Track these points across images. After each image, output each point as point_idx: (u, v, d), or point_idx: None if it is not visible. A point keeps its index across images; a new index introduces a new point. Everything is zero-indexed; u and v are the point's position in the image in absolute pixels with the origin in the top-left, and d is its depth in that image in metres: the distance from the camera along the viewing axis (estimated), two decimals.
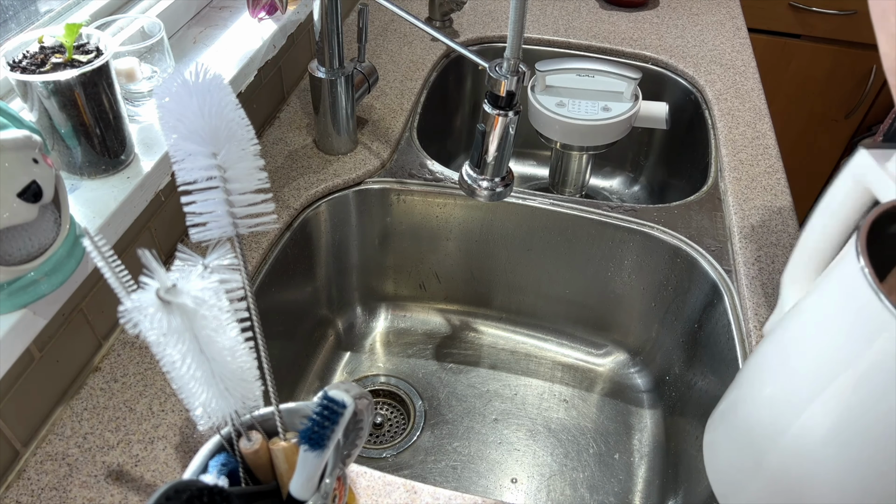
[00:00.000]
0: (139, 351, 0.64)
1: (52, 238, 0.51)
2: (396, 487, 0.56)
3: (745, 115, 0.96)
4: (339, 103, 0.83)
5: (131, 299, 0.32)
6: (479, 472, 0.82)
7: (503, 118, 0.64)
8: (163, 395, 0.61)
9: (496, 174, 0.68)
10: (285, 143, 0.89)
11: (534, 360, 0.95)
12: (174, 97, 0.35)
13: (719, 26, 1.16)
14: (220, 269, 0.35)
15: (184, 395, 0.37)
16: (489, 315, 0.99)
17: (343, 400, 0.36)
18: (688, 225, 0.81)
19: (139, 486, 0.55)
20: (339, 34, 0.79)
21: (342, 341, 0.96)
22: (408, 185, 0.87)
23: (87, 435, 0.58)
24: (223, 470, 0.41)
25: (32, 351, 0.56)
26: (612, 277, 0.88)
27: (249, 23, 0.86)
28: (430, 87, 1.03)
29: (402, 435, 0.86)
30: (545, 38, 1.12)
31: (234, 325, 0.36)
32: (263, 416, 0.42)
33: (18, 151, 0.47)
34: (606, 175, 1.19)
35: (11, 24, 0.66)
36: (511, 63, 0.60)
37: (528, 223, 0.87)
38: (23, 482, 0.55)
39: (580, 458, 0.84)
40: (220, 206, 0.36)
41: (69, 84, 0.56)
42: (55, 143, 0.60)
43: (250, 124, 0.37)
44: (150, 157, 0.65)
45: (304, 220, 0.83)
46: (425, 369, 0.93)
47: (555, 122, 0.93)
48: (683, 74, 1.05)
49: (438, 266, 0.95)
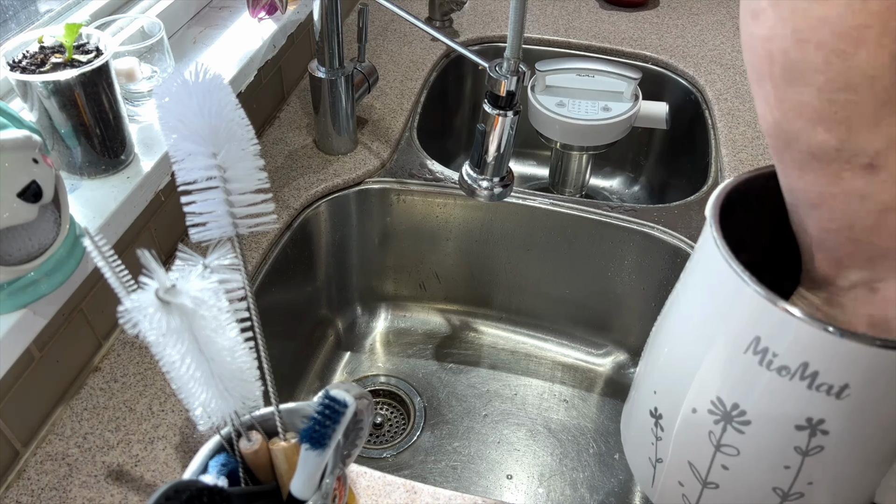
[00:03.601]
0: (139, 351, 0.64)
1: (52, 238, 0.51)
2: (396, 487, 0.56)
3: (745, 115, 0.96)
4: (339, 103, 0.83)
5: (131, 299, 0.32)
6: (479, 472, 0.82)
7: (503, 118, 0.64)
8: (163, 395, 0.61)
9: (496, 174, 0.68)
10: (285, 143, 0.89)
11: (534, 361, 0.95)
12: (174, 97, 0.35)
13: (719, 26, 1.16)
14: (220, 269, 0.35)
15: (183, 395, 0.37)
16: (489, 315, 0.99)
17: (344, 399, 0.36)
18: (688, 225, 0.81)
19: (139, 486, 0.55)
20: (339, 34, 0.79)
21: (342, 341, 0.96)
22: (408, 185, 0.86)
23: (87, 435, 0.58)
24: (223, 470, 0.41)
25: (32, 351, 0.56)
26: (613, 277, 0.88)
27: (249, 23, 0.86)
28: (430, 87, 1.03)
29: (402, 435, 0.86)
30: (545, 38, 1.12)
31: (233, 325, 0.36)
32: (263, 416, 0.42)
33: (18, 151, 0.47)
34: (606, 175, 1.19)
35: (11, 24, 0.66)
36: (511, 63, 0.60)
37: (528, 223, 0.87)
38: (23, 482, 0.55)
39: (580, 458, 0.84)
40: (220, 206, 0.36)
41: (69, 84, 0.56)
42: (55, 143, 0.60)
43: (250, 124, 0.37)
44: (150, 157, 0.65)
45: (304, 220, 0.83)
46: (425, 369, 0.93)
47: (555, 122, 0.93)
48: (683, 74, 1.05)
49: (438, 266, 0.95)
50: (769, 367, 0.38)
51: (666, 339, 0.48)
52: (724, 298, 0.40)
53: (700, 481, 0.46)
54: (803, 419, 0.39)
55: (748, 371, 0.39)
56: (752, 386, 0.40)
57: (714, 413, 0.42)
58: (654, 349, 0.50)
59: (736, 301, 0.39)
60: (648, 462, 0.50)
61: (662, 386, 0.47)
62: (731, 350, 0.40)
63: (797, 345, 0.37)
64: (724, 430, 0.42)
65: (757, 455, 0.42)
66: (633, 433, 0.53)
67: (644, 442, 0.50)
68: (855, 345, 0.35)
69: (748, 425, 0.41)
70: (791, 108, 0.35)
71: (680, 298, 0.47)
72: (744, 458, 0.43)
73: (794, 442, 0.40)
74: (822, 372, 0.36)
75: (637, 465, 0.53)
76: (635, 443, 0.53)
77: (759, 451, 0.42)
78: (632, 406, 0.54)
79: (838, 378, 0.36)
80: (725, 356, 0.41)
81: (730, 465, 0.43)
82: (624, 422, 0.56)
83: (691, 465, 0.46)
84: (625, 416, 0.56)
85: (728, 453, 0.43)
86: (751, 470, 0.43)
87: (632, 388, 0.55)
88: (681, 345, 0.45)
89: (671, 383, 0.46)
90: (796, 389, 0.38)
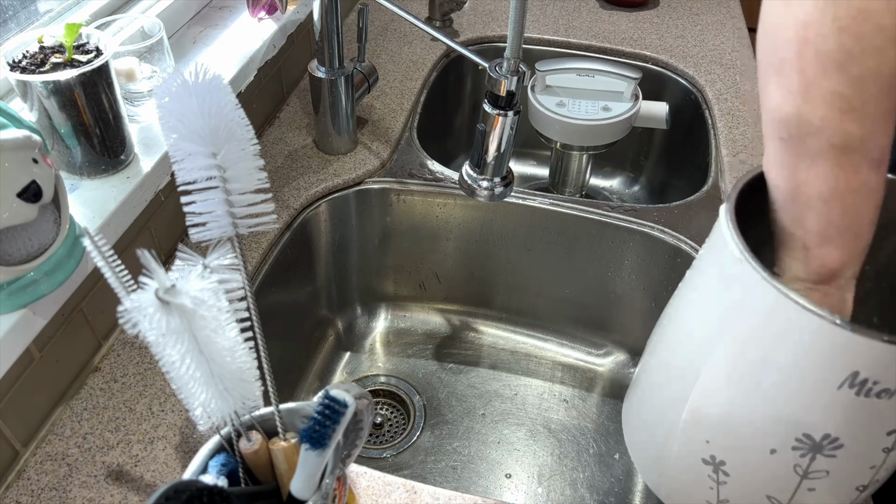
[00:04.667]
0: (139, 351, 0.64)
1: (51, 238, 0.51)
2: (396, 487, 0.56)
3: (745, 115, 0.96)
4: (339, 103, 0.83)
5: (131, 299, 0.32)
6: (478, 472, 0.82)
7: (503, 118, 0.64)
8: (163, 395, 0.61)
9: (496, 174, 0.68)
10: (285, 143, 0.89)
11: (534, 360, 0.95)
12: (174, 97, 0.35)
13: (719, 26, 1.16)
14: (220, 269, 0.35)
15: (183, 395, 0.37)
16: (489, 315, 0.99)
17: (344, 399, 0.36)
18: (688, 225, 0.81)
19: (139, 486, 0.55)
20: (339, 34, 0.79)
21: (342, 341, 0.96)
22: (408, 185, 0.86)
23: (87, 435, 0.58)
24: (223, 470, 0.41)
25: (32, 351, 0.56)
26: (613, 277, 0.88)
27: (249, 23, 0.86)
28: (430, 87, 1.03)
29: (402, 435, 0.86)
30: (545, 38, 1.12)
31: (233, 326, 0.36)
32: (263, 416, 0.42)
33: (18, 151, 0.47)
34: (606, 175, 1.19)
35: (11, 24, 0.66)
36: (511, 63, 0.60)
37: (528, 223, 0.87)
38: (22, 482, 0.55)
39: (580, 458, 0.84)
40: (220, 206, 0.36)
41: (69, 84, 0.56)
42: (55, 143, 0.60)
43: (250, 124, 0.37)
44: (149, 157, 0.65)
45: (304, 220, 0.83)
46: (425, 369, 0.93)
47: (555, 122, 0.93)
48: (683, 74, 1.05)
49: (438, 266, 0.95)
50: (868, 395, 0.37)
51: (706, 387, 0.44)
52: (807, 342, 0.37)
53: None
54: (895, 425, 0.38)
55: (844, 405, 0.38)
56: (850, 416, 0.38)
57: (800, 448, 0.40)
58: (687, 395, 0.46)
59: (824, 343, 0.37)
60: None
61: (721, 435, 0.44)
62: (821, 388, 0.38)
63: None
64: (813, 459, 0.40)
65: (847, 470, 0.40)
66: (676, 481, 0.50)
67: (700, 489, 0.47)
68: None
69: (840, 448, 0.39)
70: (820, 95, 0.35)
71: (719, 345, 0.43)
72: (832, 477, 0.41)
73: (883, 445, 0.39)
74: None
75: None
76: (683, 489, 0.49)
77: (850, 466, 0.40)
78: (664, 453, 0.50)
79: None
80: (814, 396, 0.38)
81: (817, 486, 0.41)
82: (650, 468, 0.52)
83: (770, 497, 0.43)
84: (648, 462, 0.52)
85: (816, 477, 0.41)
86: (838, 483, 0.41)
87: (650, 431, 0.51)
88: (742, 393, 0.42)
89: (732, 432, 0.43)
90: (894, 405, 0.37)
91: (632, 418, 0.55)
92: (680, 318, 0.47)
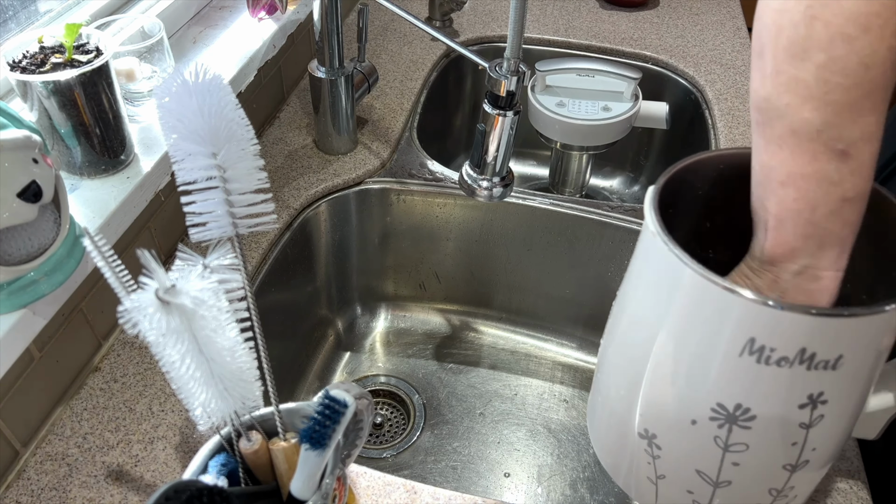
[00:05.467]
0: (139, 351, 0.64)
1: (51, 238, 0.51)
2: (396, 487, 0.56)
3: (745, 115, 0.96)
4: (339, 103, 0.83)
5: (131, 299, 0.32)
6: (478, 473, 0.82)
7: (503, 118, 0.64)
8: (163, 395, 0.61)
9: (496, 174, 0.68)
10: (285, 143, 0.89)
11: (534, 360, 0.95)
12: (174, 97, 0.35)
13: (719, 26, 1.16)
14: (220, 269, 0.35)
15: (183, 395, 0.37)
16: (489, 315, 0.99)
17: (344, 399, 0.36)
18: None
19: (139, 486, 0.55)
20: (339, 34, 0.79)
21: (342, 341, 0.96)
22: (408, 185, 0.86)
23: (87, 435, 0.58)
24: (223, 470, 0.41)
25: (32, 351, 0.56)
26: (613, 277, 0.88)
27: (249, 23, 0.86)
28: (430, 87, 1.03)
29: (402, 435, 0.86)
30: (545, 38, 1.12)
31: (233, 326, 0.36)
32: (263, 416, 0.42)
33: (18, 151, 0.47)
34: (606, 175, 1.19)
35: (11, 24, 0.66)
36: (511, 63, 0.60)
37: (528, 223, 0.87)
38: (22, 482, 0.55)
39: (580, 458, 0.84)
40: (220, 206, 0.36)
41: (69, 84, 0.56)
42: (55, 143, 0.60)
43: (250, 124, 0.37)
44: (149, 157, 0.65)
45: (304, 220, 0.83)
46: (425, 369, 0.93)
47: (555, 122, 0.93)
48: (683, 74, 1.05)
49: (438, 266, 0.95)
50: (768, 363, 0.39)
51: (635, 357, 0.46)
52: (709, 311, 0.40)
53: (711, 484, 0.46)
54: (805, 397, 0.40)
55: (747, 372, 0.40)
56: (754, 384, 0.40)
57: (717, 419, 0.42)
58: (624, 369, 0.49)
59: (723, 311, 0.39)
60: (648, 481, 0.50)
61: (649, 407, 0.46)
62: (723, 356, 0.40)
63: (794, 335, 0.37)
64: (731, 430, 0.42)
65: (765, 444, 0.42)
66: (622, 458, 0.52)
67: (639, 464, 0.49)
68: (848, 320, 0.37)
69: (753, 420, 0.41)
70: (785, 82, 0.36)
71: (641, 318, 0.46)
72: (753, 451, 0.43)
73: (798, 419, 0.41)
74: (819, 352, 0.38)
75: (634, 486, 0.52)
76: (628, 466, 0.51)
77: (767, 440, 0.42)
78: (610, 430, 0.53)
79: (833, 352, 0.38)
80: (719, 364, 0.41)
81: (740, 460, 0.43)
82: (602, 447, 0.55)
83: (699, 472, 0.45)
84: (601, 441, 0.55)
85: (737, 451, 0.43)
86: (761, 459, 0.43)
87: (600, 410, 0.54)
88: (661, 364, 0.44)
89: (658, 403, 0.45)
90: (797, 374, 0.39)
91: (591, 401, 0.58)
92: (620, 297, 0.50)
